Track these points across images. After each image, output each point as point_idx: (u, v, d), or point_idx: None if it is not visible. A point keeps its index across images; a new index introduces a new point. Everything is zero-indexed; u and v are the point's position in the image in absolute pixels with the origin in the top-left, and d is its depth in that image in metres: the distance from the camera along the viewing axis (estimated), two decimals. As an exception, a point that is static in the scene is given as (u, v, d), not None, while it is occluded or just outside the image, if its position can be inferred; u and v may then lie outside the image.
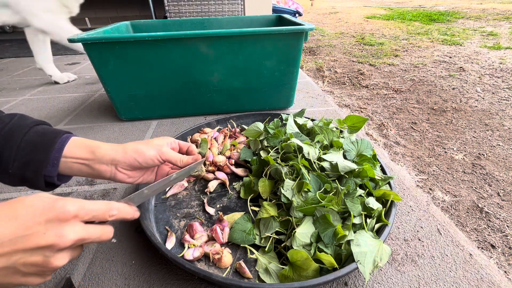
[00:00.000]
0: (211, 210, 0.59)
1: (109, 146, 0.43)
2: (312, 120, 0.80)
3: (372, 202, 0.51)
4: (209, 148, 0.74)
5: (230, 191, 0.66)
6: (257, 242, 0.51)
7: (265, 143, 0.70)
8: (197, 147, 0.77)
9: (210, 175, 0.69)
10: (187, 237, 0.52)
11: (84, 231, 0.29)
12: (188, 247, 0.50)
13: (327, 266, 0.43)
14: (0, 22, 1.16)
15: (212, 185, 0.66)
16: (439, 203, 0.69)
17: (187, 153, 0.53)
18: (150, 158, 0.45)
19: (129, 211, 0.36)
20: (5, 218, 0.26)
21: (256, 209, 0.59)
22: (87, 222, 0.31)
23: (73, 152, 0.40)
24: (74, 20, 1.27)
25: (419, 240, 0.53)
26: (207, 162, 0.71)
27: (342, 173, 0.57)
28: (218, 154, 0.75)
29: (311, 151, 0.61)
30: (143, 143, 0.46)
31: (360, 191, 0.53)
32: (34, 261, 0.26)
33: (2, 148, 0.37)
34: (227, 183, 0.67)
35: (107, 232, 0.32)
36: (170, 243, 0.52)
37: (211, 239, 0.53)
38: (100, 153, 0.42)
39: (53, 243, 0.27)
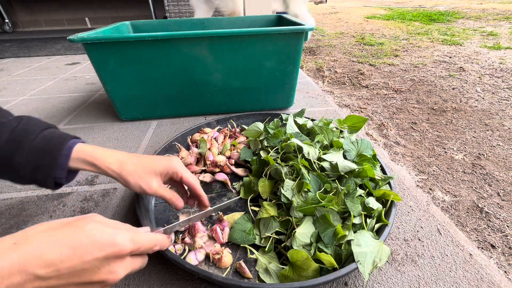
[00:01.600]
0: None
1: (106, 165, 0.43)
2: (312, 120, 0.80)
3: (372, 202, 0.51)
4: (209, 148, 0.74)
5: (231, 190, 0.66)
6: (257, 242, 0.51)
7: (265, 143, 0.70)
8: (197, 147, 0.77)
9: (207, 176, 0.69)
10: (187, 239, 0.52)
11: (132, 266, 0.30)
12: (189, 250, 0.50)
13: (327, 266, 0.43)
14: (271, 10, 1.72)
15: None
16: (439, 203, 0.69)
17: (190, 191, 0.50)
18: (137, 191, 0.45)
19: (167, 244, 0.37)
20: (68, 246, 0.25)
21: (256, 209, 0.59)
22: None
23: (78, 164, 0.42)
24: (74, 20, 1.27)
25: (419, 240, 0.53)
26: (208, 162, 0.71)
27: (342, 173, 0.57)
28: (218, 154, 0.75)
29: (311, 151, 0.61)
30: (138, 173, 0.44)
31: (360, 191, 0.53)
32: None
33: (12, 153, 0.39)
34: (229, 183, 0.67)
35: (145, 262, 0.33)
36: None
37: (211, 239, 0.53)
38: (101, 166, 0.43)
39: (105, 279, 0.27)
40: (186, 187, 0.51)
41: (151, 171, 0.45)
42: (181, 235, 0.54)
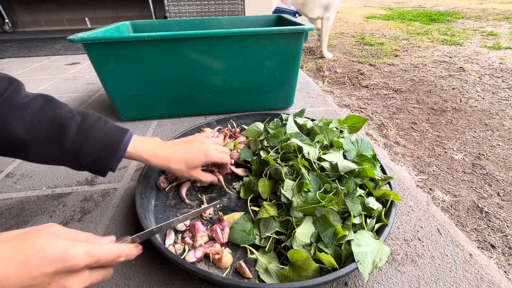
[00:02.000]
0: (210, 210, 0.59)
1: (155, 163, 0.52)
2: (312, 120, 0.80)
3: (372, 202, 0.51)
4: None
5: (231, 190, 0.66)
6: (257, 242, 0.51)
7: (265, 143, 0.70)
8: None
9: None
10: (187, 239, 0.52)
11: (89, 280, 0.29)
12: (189, 250, 0.50)
13: (327, 266, 0.43)
14: (314, 15, 1.82)
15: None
16: (439, 203, 0.69)
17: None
18: (184, 178, 0.61)
19: (134, 253, 0.36)
20: (14, 261, 0.24)
21: (256, 209, 0.59)
22: None
23: (131, 157, 0.50)
24: (74, 20, 1.28)
25: (419, 240, 0.53)
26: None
27: (342, 173, 0.57)
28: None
29: (311, 151, 0.61)
30: (184, 167, 0.55)
31: (360, 191, 0.53)
32: None
33: (80, 146, 0.44)
34: (224, 186, 0.66)
35: (109, 274, 0.32)
36: (169, 240, 0.52)
37: (211, 239, 0.53)
38: (149, 164, 0.53)
39: None
40: None
41: (192, 166, 0.56)
42: (180, 234, 0.54)
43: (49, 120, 0.44)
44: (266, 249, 0.49)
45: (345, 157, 0.63)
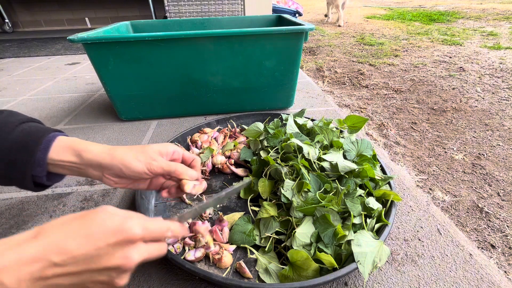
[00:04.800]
0: (210, 210, 0.59)
1: (97, 150, 0.40)
2: (312, 120, 0.80)
3: (372, 202, 0.51)
4: (212, 156, 0.73)
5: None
6: (257, 242, 0.51)
7: (265, 143, 0.70)
8: (197, 147, 0.77)
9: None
10: (187, 239, 0.52)
11: (147, 252, 0.30)
12: (189, 249, 0.50)
13: (327, 266, 0.43)
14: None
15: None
16: (439, 203, 0.69)
17: (190, 166, 0.46)
18: (137, 171, 0.40)
19: (181, 231, 0.36)
20: (81, 235, 0.27)
21: (256, 209, 0.59)
22: None
23: (59, 155, 0.38)
24: (74, 20, 1.28)
25: (419, 240, 0.53)
26: (204, 168, 0.71)
27: (342, 173, 0.57)
28: (217, 154, 0.75)
29: (311, 151, 0.61)
30: (134, 152, 0.41)
31: (360, 191, 0.53)
32: (101, 280, 0.28)
33: None
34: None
35: (163, 249, 0.33)
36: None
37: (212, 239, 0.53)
38: (86, 157, 0.39)
39: (120, 265, 0.28)
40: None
41: (151, 151, 0.42)
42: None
43: None
44: (266, 249, 0.49)
45: (345, 157, 0.63)
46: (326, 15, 3.76)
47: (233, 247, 0.51)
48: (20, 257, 0.24)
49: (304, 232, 0.47)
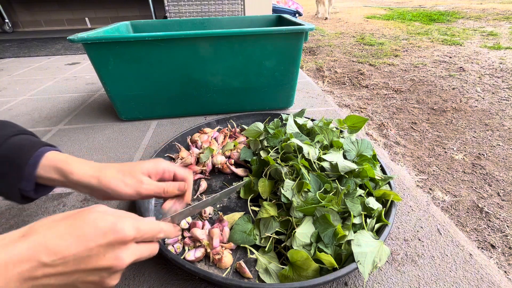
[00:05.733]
0: (210, 210, 0.59)
1: (83, 173, 0.38)
2: (312, 120, 0.80)
3: (372, 202, 0.51)
4: (212, 156, 0.73)
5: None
6: (257, 242, 0.51)
7: (265, 143, 0.70)
8: (197, 147, 0.77)
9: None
10: (187, 239, 0.52)
11: (138, 253, 0.31)
12: (189, 249, 0.50)
13: (327, 266, 0.43)
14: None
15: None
16: (439, 203, 0.69)
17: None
18: (125, 195, 0.39)
19: (173, 232, 0.36)
20: (71, 235, 0.26)
21: (256, 209, 0.59)
22: None
23: (47, 172, 0.38)
24: (74, 20, 1.28)
25: (419, 240, 0.53)
26: (204, 167, 0.70)
27: (342, 173, 0.57)
28: (217, 154, 0.75)
29: (311, 151, 0.61)
30: (122, 175, 0.39)
31: (360, 191, 0.53)
32: (91, 280, 0.28)
33: None
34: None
35: (155, 249, 0.33)
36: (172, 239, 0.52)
37: (212, 239, 0.53)
38: (72, 178, 0.38)
39: (111, 266, 0.28)
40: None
41: (137, 170, 0.40)
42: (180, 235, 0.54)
43: None
44: (266, 249, 0.49)
45: (345, 157, 0.63)
46: (316, 13, 4.38)
47: (233, 246, 0.51)
48: (9, 256, 0.24)
49: (304, 232, 0.47)
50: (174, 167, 0.44)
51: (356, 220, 0.49)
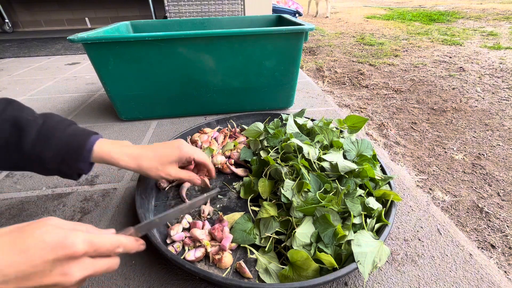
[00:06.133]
0: (210, 210, 0.59)
1: (125, 163, 0.48)
2: (312, 120, 0.80)
3: (372, 202, 0.51)
4: (212, 156, 0.73)
5: (232, 190, 0.66)
6: (257, 242, 0.51)
7: (265, 143, 0.70)
8: (196, 147, 0.77)
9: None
10: (187, 239, 0.52)
11: (91, 268, 0.29)
12: (189, 249, 0.50)
13: (327, 266, 0.43)
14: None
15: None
16: (439, 203, 0.69)
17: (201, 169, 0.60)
18: (159, 177, 0.52)
19: (134, 246, 0.35)
20: (14, 250, 0.25)
21: (256, 209, 0.59)
22: None
23: (97, 159, 0.47)
24: (74, 20, 1.28)
25: (419, 240, 0.53)
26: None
27: (342, 173, 0.57)
28: (217, 154, 0.75)
29: (311, 151, 0.61)
30: (156, 163, 0.50)
31: (360, 191, 0.53)
32: None
33: (42, 149, 0.43)
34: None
35: (113, 264, 0.32)
36: (174, 231, 0.52)
37: (212, 239, 0.53)
38: (117, 164, 0.48)
39: (57, 283, 0.26)
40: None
41: (166, 161, 0.51)
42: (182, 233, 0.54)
43: (10, 123, 0.42)
44: (266, 249, 0.49)
45: (345, 157, 0.63)
46: (316, 12, 4.56)
47: (234, 245, 0.51)
48: None
49: (304, 232, 0.47)
50: (193, 153, 0.55)
51: (356, 220, 0.49)
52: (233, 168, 0.71)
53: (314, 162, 0.59)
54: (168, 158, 0.51)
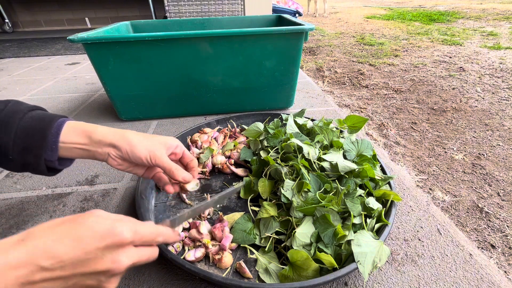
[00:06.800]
0: (210, 210, 0.59)
1: (106, 131, 0.43)
2: (312, 120, 0.80)
3: (372, 202, 0.51)
4: (212, 156, 0.73)
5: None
6: (257, 242, 0.51)
7: (265, 143, 0.70)
8: (197, 147, 0.77)
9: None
10: (187, 239, 0.52)
11: (137, 256, 0.30)
12: (188, 249, 0.50)
13: (327, 266, 0.43)
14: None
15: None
16: (439, 203, 0.69)
17: (186, 166, 0.51)
18: (139, 157, 0.43)
19: (172, 237, 0.36)
20: (69, 239, 0.27)
21: (256, 209, 0.59)
22: None
23: (70, 137, 0.41)
24: (74, 20, 1.28)
25: (419, 240, 0.53)
26: (204, 169, 0.70)
27: (342, 173, 0.57)
28: (217, 154, 0.75)
29: (311, 151, 0.61)
30: (142, 137, 0.44)
31: (360, 191, 0.53)
32: (89, 284, 0.28)
33: (1, 135, 0.38)
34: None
35: (154, 253, 0.33)
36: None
37: (212, 239, 0.53)
38: (96, 137, 0.42)
39: (109, 269, 0.28)
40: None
41: (156, 142, 0.45)
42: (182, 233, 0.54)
43: None
44: (266, 249, 0.49)
45: (345, 157, 0.63)
46: (314, 12, 4.65)
47: (234, 245, 0.51)
48: (7, 261, 0.24)
49: (304, 232, 0.47)
50: (184, 147, 0.50)
51: (356, 220, 0.49)
52: (233, 168, 0.71)
53: (314, 162, 0.59)
54: (159, 139, 0.46)
